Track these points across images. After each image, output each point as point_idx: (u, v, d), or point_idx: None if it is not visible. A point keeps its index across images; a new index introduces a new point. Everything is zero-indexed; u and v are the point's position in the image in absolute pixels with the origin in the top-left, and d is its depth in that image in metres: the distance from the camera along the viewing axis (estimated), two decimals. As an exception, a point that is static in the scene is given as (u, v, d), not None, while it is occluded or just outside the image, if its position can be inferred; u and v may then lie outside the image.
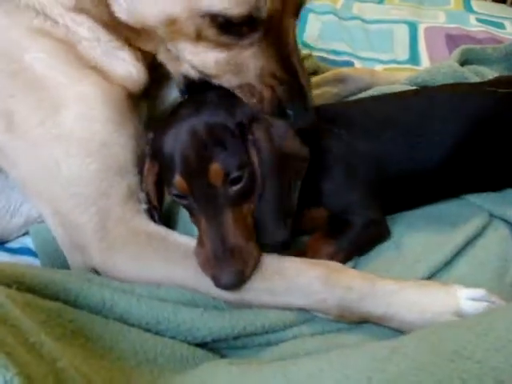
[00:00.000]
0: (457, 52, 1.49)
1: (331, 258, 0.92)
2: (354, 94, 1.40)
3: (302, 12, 1.75)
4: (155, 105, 1.09)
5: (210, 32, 0.86)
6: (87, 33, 0.93)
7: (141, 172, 0.94)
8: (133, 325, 0.79)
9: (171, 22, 0.86)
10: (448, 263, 0.94)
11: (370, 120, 1.04)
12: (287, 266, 0.86)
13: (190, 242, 0.88)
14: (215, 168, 0.83)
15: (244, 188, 0.85)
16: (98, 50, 0.94)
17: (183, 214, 1.01)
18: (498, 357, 0.60)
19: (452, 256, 0.94)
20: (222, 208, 0.84)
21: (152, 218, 0.93)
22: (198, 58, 0.91)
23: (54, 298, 0.77)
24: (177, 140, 0.86)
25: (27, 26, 0.91)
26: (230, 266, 0.80)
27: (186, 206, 0.88)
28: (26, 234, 1.09)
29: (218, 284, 0.81)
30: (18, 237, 1.09)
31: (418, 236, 1.01)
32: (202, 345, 0.82)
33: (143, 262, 0.88)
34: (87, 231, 0.89)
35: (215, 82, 0.93)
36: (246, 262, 0.82)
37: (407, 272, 0.92)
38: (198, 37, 0.87)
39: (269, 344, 0.84)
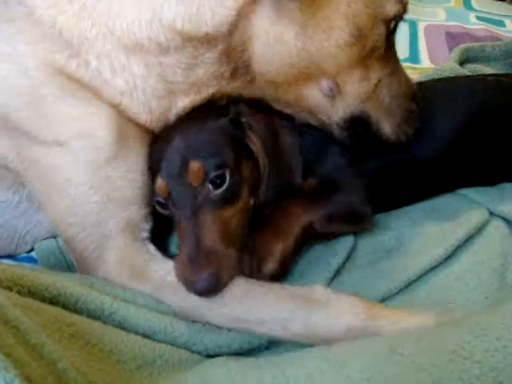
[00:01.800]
0: (456, 51, 1.49)
1: (308, 223, 0.89)
2: None
3: None
4: None
5: (382, 44, 0.87)
6: (121, 83, 0.87)
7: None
8: (130, 332, 0.79)
9: (355, 42, 0.84)
10: (448, 258, 0.93)
11: None
12: (265, 296, 0.81)
13: (166, 273, 0.86)
14: (193, 166, 0.83)
15: (227, 190, 0.84)
16: (127, 98, 0.89)
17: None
18: (497, 357, 0.60)
19: (453, 250, 0.94)
20: (200, 210, 0.82)
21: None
22: (362, 83, 0.89)
23: (55, 301, 0.77)
24: (163, 144, 0.87)
25: (49, 60, 0.86)
26: (203, 270, 0.77)
27: (167, 217, 0.88)
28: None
29: (191, 289, 0.78)
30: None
31: (418, 230, 1.01)
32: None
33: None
34: (86, 258, 0.90)
35: (375, 119, 0.93)
36: (222, 267, 0.79)
37: (408, 264, 0.92)
38: (370, 55, 0.87)
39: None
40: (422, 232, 1.00)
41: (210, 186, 0.83)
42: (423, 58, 1.74)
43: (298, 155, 0.93)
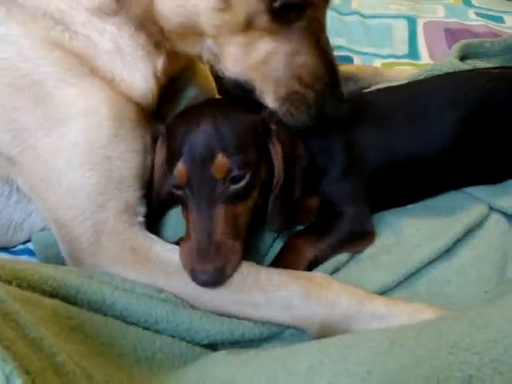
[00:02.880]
0: (456, 47, 1.49)
1: (312, 259, 0.92)
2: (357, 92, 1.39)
3: None
4: None
5: (263, 18, 0.86)
6: (109, 44, 0.92)
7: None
8: (131, 323, 0.79)
9: (224, 8, 0.85)
10: (448, 252, 0.93)
11: (377, 109, 1.05)
12: (268, 278, 0.83)
13: (172, 256, 0.87)
14: (220, 160, 0.83)
15: (243, 188, 0.85)
16: (118, 63, 0.93)
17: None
18: (498, 348, 0.60)
19: (452, 243, 0.93)
20: (216, 203, 0.83)
21: (151, 204, 0.94)
22: (246, 51, 0.89)
23: (54, 293, 0.77)
24: (191, 127, 0.86)
25: (43, 37, 0.90)
26: (211, 262, 0.79)
27: (179, 198, 0.88)
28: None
29: (196, 280, 0.80)
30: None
31: (417, 224, 1.01)
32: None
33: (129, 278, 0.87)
34: (82, 244, 0.89)
35: (259, 92, 0.93)
36: (229, 261, 0.81)
37: (407, 257, 0.92)
38: (249, 25, 0.86)
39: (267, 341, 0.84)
40: (422, 227, 1.01)
41: (230, 182, 0.84)
42: (423, 55, 1.74)
43: (304, 171, 0.93)
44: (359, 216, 0.97)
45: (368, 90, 1.34)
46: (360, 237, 0.97)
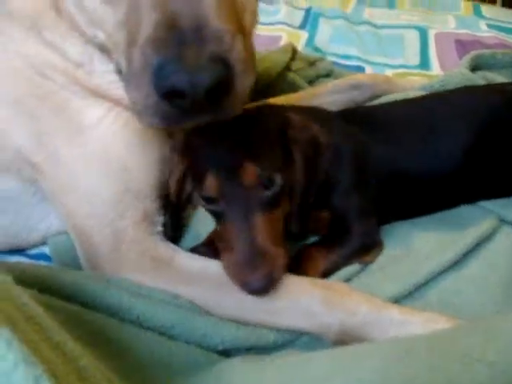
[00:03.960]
0: (467, 58, 1.50)
1: (325, 270, 0.93)
2: (369, 100, 1.41)
3: (313, 16, 1.77)
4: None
5: None
6: (79, 57, 0.93)
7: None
8: (148, 328, 0.80)
9: None
10: (458, 262, 0.94)
11: (390, 123, 1.05)
12: (289, 285, 0.84)
13: (194, 264, 0.89)
14: (249, 167, 0.83)
15: (277, 193, 0.85)
16: (95, 78, 0.94)
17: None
18: (509, 359, 0.61)
19: (462, 255, 0.94)
20: (253, 212, 0.83)
21: (171, 221, 0.95)
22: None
23: (74, 298, 0.79)
24: (212, 138, 0.86)
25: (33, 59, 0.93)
26: (261, 270, 0.80)
27: (213, 212, 0.89)
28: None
29: (248, 289, 0.81)
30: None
31: (426, 236, 1.02)
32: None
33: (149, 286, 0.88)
34: (101, 251, 0.91)
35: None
36: (275, 265, 0.82)
37: (417, 268, 0.92)
38: None
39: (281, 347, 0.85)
40: (431, 238, 1.01)
41: (262, 188, 0.84)
42: (434, 65, 1.76)
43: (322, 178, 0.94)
44: (368, 229, 0.98)
45: (381, 98, 1.36)
46: (369, 248, 0.98)
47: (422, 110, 1.09)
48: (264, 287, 0.81)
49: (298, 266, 0.92)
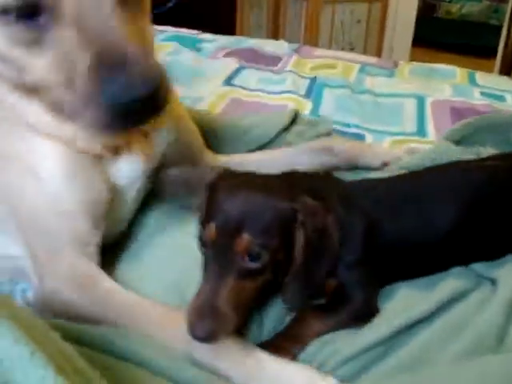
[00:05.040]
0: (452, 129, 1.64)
1: (320, 333, 1.00)
2: (344, 167, 1.50)
3: (318, 87, 1.87)
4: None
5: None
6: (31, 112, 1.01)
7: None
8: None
9: None
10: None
11: (394, 196, 1.13)
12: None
13: (120, 289, 0.99)
14: (244, 237, 0.89)
15: (259, 269, 0.91)
16: (42, 125, 1.02)
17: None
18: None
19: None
20: (228, 274, 0.89)
21: None
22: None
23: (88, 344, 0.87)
24: (229, 197, 0.93)
25: None
26: (206, 323, 0.86)
27: (204, 254, 0.95)
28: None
29: (191, 333, 0.87)
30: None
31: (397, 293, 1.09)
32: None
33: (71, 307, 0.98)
34: (41, 267, 1.02)
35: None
36: (223, 327, 0.88)
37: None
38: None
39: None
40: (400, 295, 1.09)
41: (247, 259, 0.90)
42: (430, 132, 1.86)
43: (332, 262, 0.99)
44: (369, 300, 1.05)
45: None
46: (366, 316, 1.04)
47: (416, 186, 1.18)
48: (205, 338, 0.87)
49: (293, 327, 1.01)
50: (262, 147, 1.65)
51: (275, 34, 4.60)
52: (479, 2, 6.33)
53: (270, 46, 2.70)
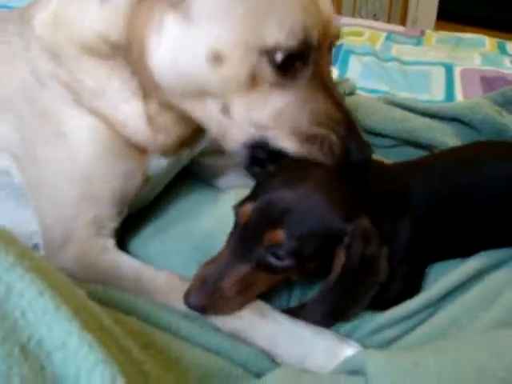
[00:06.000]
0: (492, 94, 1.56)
1: None
2: None
3: (344, 53, 1.84)
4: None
5: (268, 73, 0.84)
6: (92, 83, 0.98)
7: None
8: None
9: (219, 61, 0.83)
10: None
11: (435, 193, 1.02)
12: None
13: (128, 267, 0.98)
14: (278, 235, 0.82)
15: (277, 267, 0.84)
16: (101, 102, 0.99)
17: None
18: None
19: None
20: (245, 260, 0.84)
21: None
22: (254, 110, 0.88)
23: (127, 314, 0.86)
24: (283, 185, 0.85)
25: (39, 69, 0.99)
26: (202, 297, 0.84)
27: (232, 230, 0.88)
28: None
29: (184, 298, 0.85)
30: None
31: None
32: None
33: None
34: (52, 244, 1.01)
35: (274, 141, 0.90)
36: (219, 308, 0.85)
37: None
38: (254, 82, 0.85)
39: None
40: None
41: (270, 255, 0.83)
42: (458, 100, 1.81)
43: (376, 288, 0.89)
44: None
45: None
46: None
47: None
48: (197, 309, 0.85)
49: None
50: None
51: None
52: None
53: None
